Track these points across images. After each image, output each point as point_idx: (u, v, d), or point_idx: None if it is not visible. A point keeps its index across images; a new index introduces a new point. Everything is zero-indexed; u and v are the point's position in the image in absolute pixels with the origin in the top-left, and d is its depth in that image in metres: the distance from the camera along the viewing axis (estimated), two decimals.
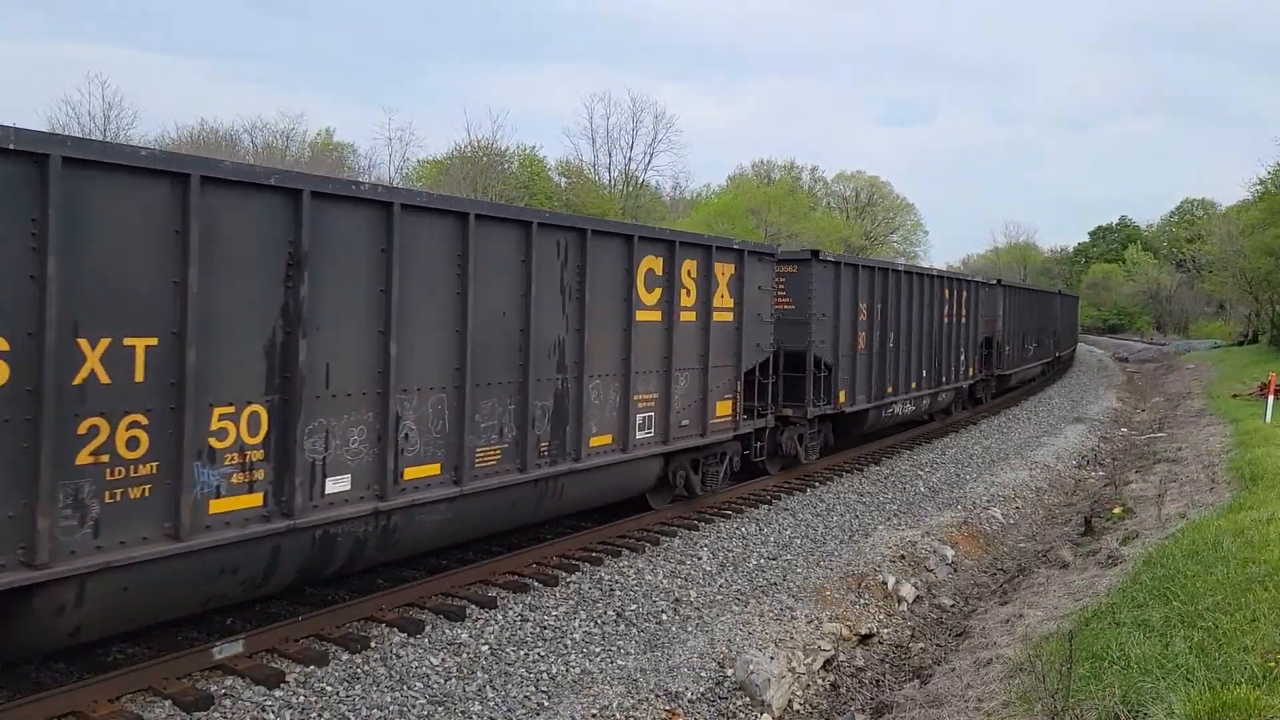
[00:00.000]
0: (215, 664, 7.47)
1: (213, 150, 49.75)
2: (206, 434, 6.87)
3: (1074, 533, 14.82)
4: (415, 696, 7.52)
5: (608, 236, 10.94)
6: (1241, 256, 54.19)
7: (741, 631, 9.42)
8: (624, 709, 7.63)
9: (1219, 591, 8.24)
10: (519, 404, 9.66)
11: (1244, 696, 5.83)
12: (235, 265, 7.00)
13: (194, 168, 6.70)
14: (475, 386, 9.05)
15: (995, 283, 29.06)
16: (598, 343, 10.70)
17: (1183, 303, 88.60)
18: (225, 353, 6.97)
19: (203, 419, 6.83)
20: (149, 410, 6.53)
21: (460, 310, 8.86)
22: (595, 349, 10.65)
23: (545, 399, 10.02)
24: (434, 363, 8.66)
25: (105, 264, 6.28)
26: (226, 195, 6.92)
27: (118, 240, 6.35)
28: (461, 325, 8.87)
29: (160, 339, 6.57)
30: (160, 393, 6.58)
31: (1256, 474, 14.52)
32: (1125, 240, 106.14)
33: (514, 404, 9.61)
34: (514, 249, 9.55)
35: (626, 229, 11.47)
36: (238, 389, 7.08)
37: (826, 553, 12.60)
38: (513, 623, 9.09)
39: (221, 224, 6.89)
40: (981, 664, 8.55)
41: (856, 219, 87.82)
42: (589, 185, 63.74)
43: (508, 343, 9.53)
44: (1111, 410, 31.35)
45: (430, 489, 8.67)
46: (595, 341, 10.64)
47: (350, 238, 7.84)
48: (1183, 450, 20.35)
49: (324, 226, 7.58)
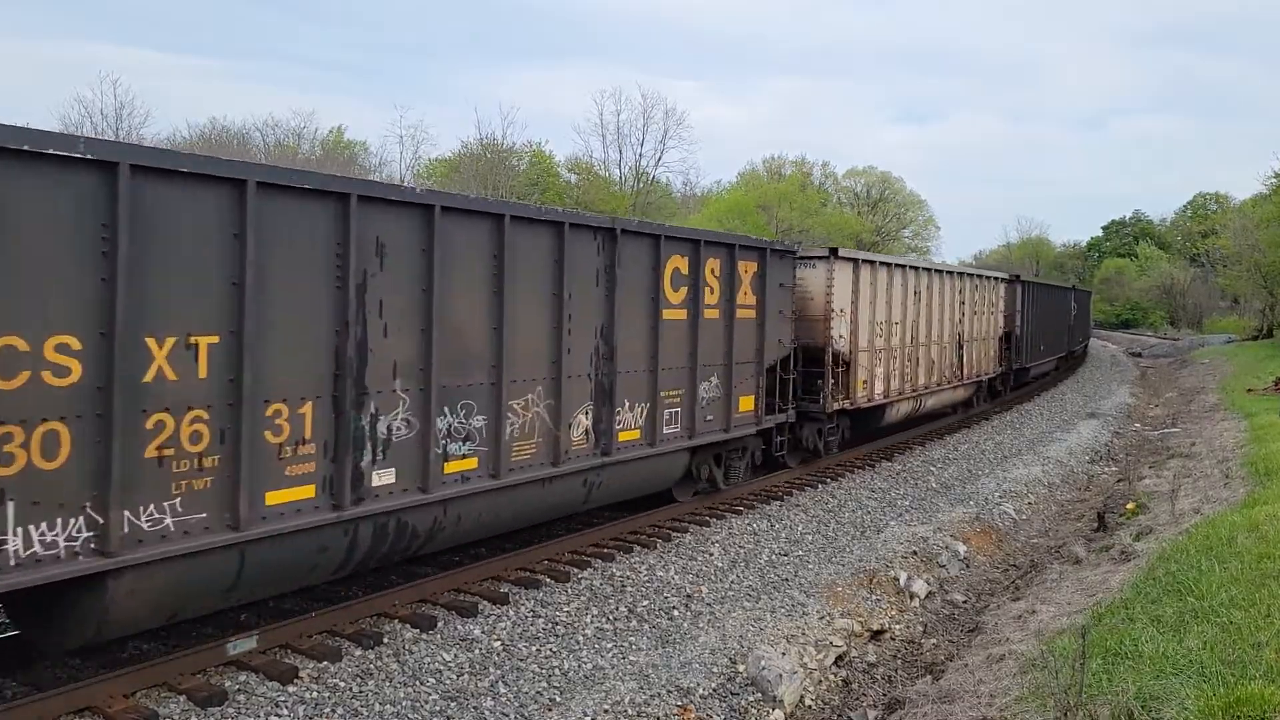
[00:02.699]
0: (229, 660, 7.52)
1: (224, 149, 49.96)
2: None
3: (1087, 528, 14.76)
4: (428, 692, 7.55)
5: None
6: (1256, 251, 53.86)
7: (753, 627, 9.42)
8: (636, 705, 7.64)
9: (1233, 587, 8.21)
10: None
11: (1258, 692, 5.81)
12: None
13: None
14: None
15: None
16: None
17: (1196, 297, 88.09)
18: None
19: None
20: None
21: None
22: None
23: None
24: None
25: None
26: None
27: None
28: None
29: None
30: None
31: (1271, 469, 14.44)
32: (1138, 235, 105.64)
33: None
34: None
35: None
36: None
37: (838, 549, 12.59)
38: (525, 619, 9.11)
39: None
40: (994, 660, 8.52)
41: (868, 215, 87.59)
42: (599, 182, 63.72)
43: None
44: (1125, 405, 31.19)
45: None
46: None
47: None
48: (1196, 446, 20.24)
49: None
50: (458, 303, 8.84)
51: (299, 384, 7.45)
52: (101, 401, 6.19)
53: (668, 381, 11.75)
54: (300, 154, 57.68)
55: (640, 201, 63.02)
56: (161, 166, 6.46)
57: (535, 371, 9.82)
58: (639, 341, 11.29)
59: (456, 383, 8.86)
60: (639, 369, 11.30)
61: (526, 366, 9.69)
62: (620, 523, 12.15)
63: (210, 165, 6.78)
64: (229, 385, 6.94)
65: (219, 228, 6.81)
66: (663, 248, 11.47)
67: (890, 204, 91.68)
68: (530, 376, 9.75)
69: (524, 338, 9.62)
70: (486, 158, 56.69)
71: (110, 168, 6.16)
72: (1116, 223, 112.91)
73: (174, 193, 6.55)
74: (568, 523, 12.03)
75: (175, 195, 6.56)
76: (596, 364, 10.63)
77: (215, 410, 6.87)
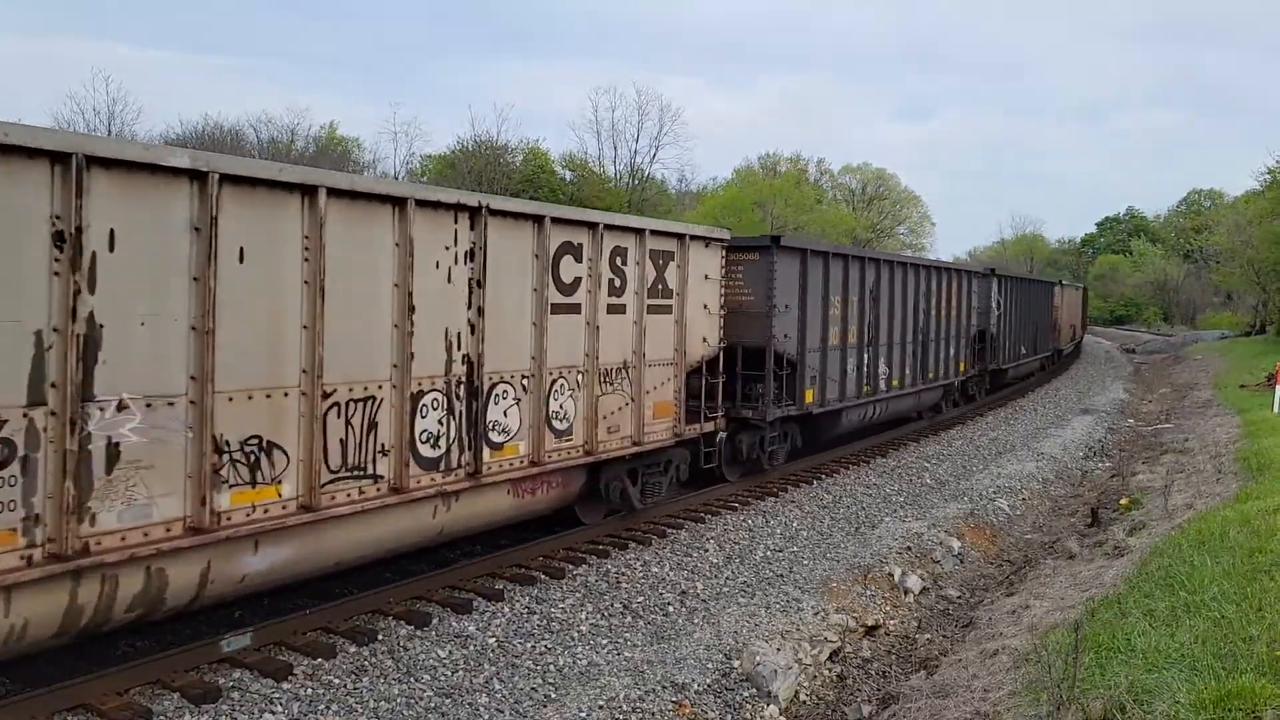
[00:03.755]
0: (223, 657, 7.51)
1: (218, 146, 49.81)
2: None
3: (1081, 524, 14.80)
4: (422, 689, 7.55)
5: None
6: (1249, 247, 53.96)
7: (748, 623, 9.44)
8: (631, 700, 7.65)
9: (1225, 581, 8.23)
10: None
11: (1250, 685, 5.82)
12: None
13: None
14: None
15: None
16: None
17: (1190, 293, 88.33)
18: None
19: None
20: None
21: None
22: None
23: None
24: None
25: None
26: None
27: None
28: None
29: None
30: None
31: (1264, 464, 14.48)
32: (1132, 231, 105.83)
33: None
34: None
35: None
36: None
37: (833, 545, 12.61)
38: (519, 615, 9.12)
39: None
40: (988, 655, 8.54)
41: (863, 211, 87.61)
42: (594, 179, 63.66)
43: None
44: (1118, 401, 31.25)
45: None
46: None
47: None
48: (1190, 441, 20.29)
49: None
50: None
51: None
52: None
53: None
54: (294, 151, 57.55)
55: (635, 198, 62.97)
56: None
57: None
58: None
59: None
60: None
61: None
62: (617, 520, 12.13)
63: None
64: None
65: None
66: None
67: (885, 200, 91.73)
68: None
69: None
70: (481, 154, 56.61)
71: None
72: (1111, 219, 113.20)
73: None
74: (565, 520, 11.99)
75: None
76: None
77: None
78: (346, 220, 7.97)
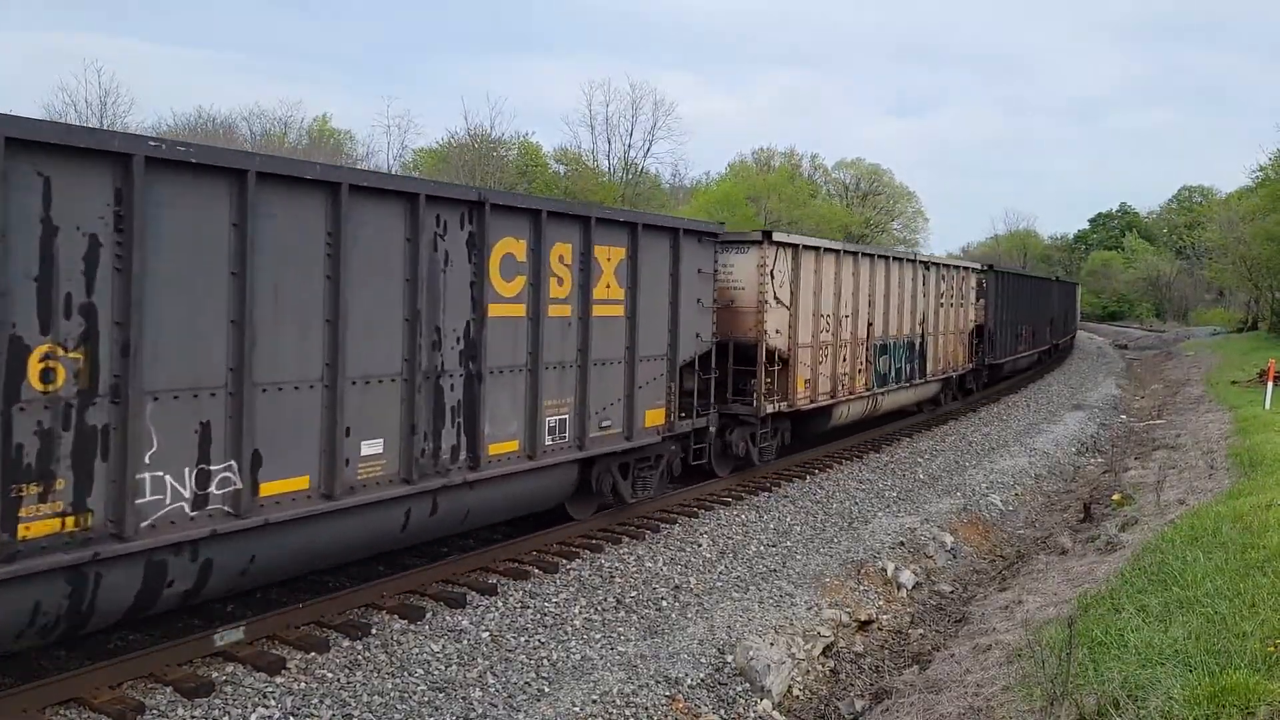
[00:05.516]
0: (216, 651, 7.49)
1: (210, 138, 49.61)
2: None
3: (1073, 519, 14.84)
4: (416, 683, 7.54)
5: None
6: (1241, 243, 54.11)
7: (741, 618, 9.44)
8: (624, 695, 7.65)
9: (1218, 577, 8.26)
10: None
11: (1243, 681, 5.84)
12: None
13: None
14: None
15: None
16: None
17: (1182, 290, 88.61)
18: None
19: None
20: None
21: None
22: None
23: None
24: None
25: None
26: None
27: None
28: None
29: None
30: None
31: (1255, 460, 14.53)
32: (1125, 227, 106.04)
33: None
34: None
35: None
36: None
37: (826, 540, 12.62)
38: (513, 609, 9.11)
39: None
40: (981, 650, 8.56)
41: (858, 207, 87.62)
42: (587, 173, 63.57)
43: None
44: (1111, 397, 31.34)
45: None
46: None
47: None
48: (1182, 437, 20.36)
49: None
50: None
51: None
52: None
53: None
54: (287, 143, 57.33)
55: (629, 192, 62.91)
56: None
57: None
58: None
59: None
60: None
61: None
62: (607, 515, 12.12)
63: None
64: None
65: None
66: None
67: (880, 196, 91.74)
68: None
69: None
70: (474, 148, 56.45)
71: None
72: (1103, 215, 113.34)
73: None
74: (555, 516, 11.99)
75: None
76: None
77: None
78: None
